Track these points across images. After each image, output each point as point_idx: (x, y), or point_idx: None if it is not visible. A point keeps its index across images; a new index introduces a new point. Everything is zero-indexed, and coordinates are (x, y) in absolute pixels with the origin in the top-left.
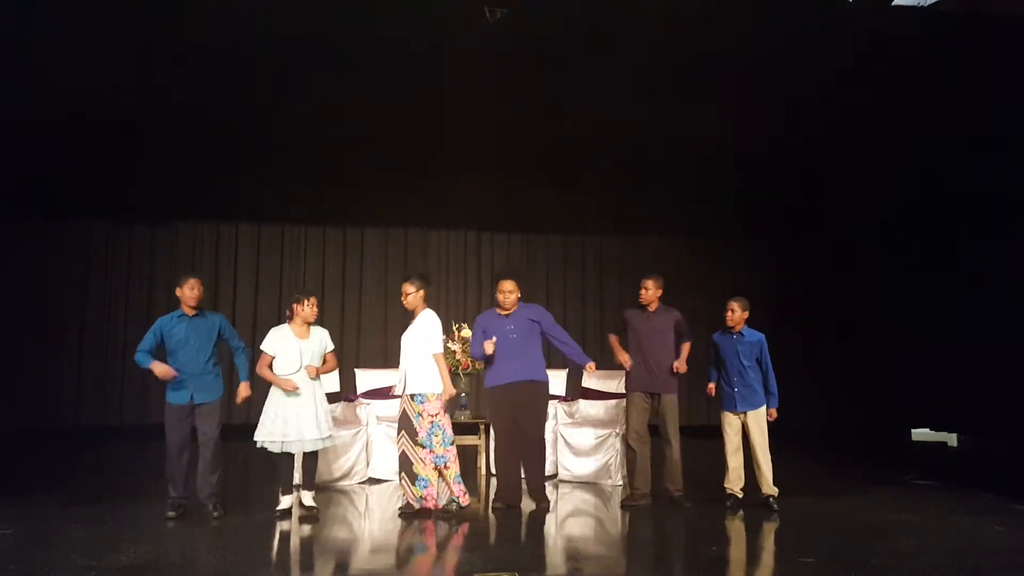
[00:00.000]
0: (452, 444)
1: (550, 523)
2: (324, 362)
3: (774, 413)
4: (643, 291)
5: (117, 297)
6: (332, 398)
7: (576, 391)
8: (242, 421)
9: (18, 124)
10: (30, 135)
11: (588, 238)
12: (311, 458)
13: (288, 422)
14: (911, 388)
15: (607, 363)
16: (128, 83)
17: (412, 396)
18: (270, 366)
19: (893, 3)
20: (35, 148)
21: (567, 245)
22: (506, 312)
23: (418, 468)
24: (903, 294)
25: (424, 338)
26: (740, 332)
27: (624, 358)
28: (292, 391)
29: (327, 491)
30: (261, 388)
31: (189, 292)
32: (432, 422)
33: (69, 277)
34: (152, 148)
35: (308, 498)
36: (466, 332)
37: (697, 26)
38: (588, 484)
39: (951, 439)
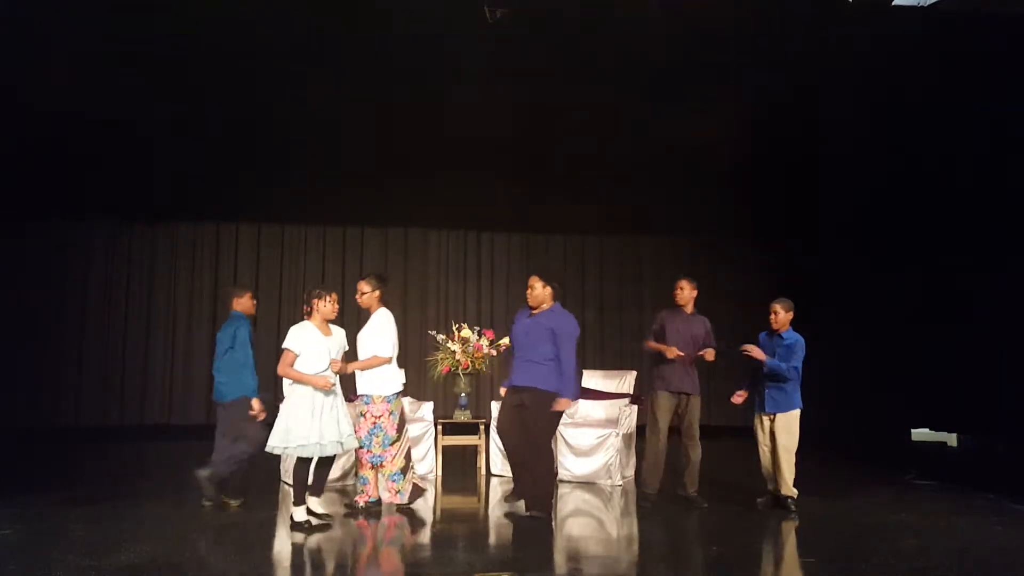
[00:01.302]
0: (392, 444)
1: (550, 523)
2: None
3: (754, 349)
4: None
5: (117, 297)
6: None
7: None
8: None
9: (18, 124)
10: (31, 136)
11: (588, 238)
12: (327, 462)
13: (326, 424)
14: (911, 388)
15: (611, 364)
16: (128, 84)
17: (360, 396)
18: (292, 365)
19: (893, 3)
20: (35, 149)
21: (567, 245)
22: (533, 311)
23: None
24: (903, 293)
25: (370, 339)
26: (781, 335)
27: (677, 352)
28: (328, 388)
29: (326, 491)
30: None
31: (251, 303)
32: (375, 423)
33: (69, 277)
34: (152, 149)
35: (316, 504)
36: (466, 332)
37: (697, 26)
38: (588, 484)
39: (951, 439)
